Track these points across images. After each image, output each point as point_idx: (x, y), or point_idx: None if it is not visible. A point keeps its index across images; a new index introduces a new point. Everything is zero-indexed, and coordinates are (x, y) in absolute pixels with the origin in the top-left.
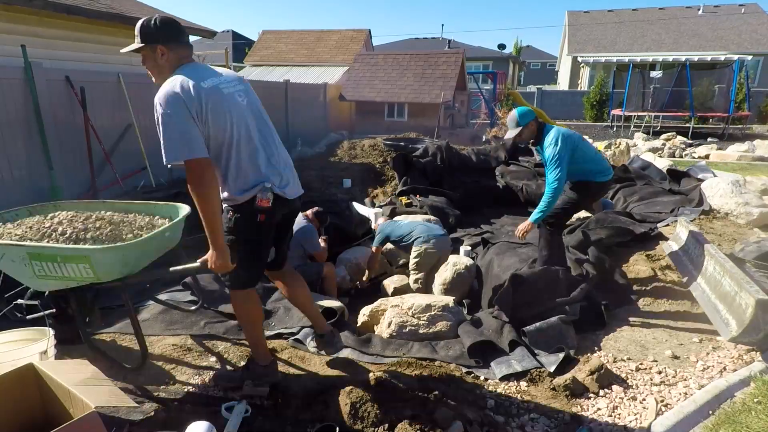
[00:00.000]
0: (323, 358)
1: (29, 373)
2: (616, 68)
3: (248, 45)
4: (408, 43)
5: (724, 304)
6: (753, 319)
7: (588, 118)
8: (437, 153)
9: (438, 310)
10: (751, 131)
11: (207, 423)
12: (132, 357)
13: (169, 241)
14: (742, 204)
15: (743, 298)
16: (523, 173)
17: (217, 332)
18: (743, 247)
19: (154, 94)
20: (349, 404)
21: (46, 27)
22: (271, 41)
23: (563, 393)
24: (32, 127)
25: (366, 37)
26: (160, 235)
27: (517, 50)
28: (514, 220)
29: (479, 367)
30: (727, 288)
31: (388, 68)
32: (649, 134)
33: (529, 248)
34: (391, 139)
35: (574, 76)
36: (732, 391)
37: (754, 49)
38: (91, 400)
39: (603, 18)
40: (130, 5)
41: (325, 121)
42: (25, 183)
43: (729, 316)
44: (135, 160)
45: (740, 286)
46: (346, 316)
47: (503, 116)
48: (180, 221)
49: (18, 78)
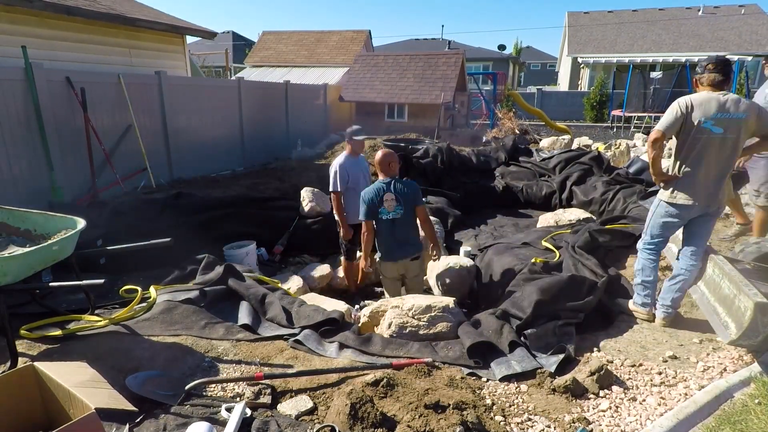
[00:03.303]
0: (323, 358)
1: (30, 374)
2: (616, 69)
3: (248, 46)
4: (408, 43)
5: (723, 307)
6: (752, 323)
7: (588, 118)
8: (438, 155)
9: (438, 311)
10: None
11: (207, 423)
12: (130, 358)
13: (58, 254)
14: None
15: (742, 302)
16: (523, 174)
17: (217, 333)
18: (743, 248)
19: (154, 95)
20: (348, 405)
21: (47, 28)
22: (272, 42)
23: (563, 394)
24: (32, 128)
25: (366, 37)
26: (44, 249)
27: (517, 51)
28: (510, 220)
29: (479, 367)
30: (726, 291)
31: (388, 69)
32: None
33: (528, 249)
34: (391, 140)
35: (574, 76)
36: (732, 392)
37: (754, 49)
38: (91, 401)
39: (603, 19)
40: (130, 6)
41: (326, 121)
42: (26, 183)
43: (728, 319)
44: (135, 161)
45: (739, 290)
46: (346, 318)
47: (503, 117)
48: (73, 235)
49: (18, 79)
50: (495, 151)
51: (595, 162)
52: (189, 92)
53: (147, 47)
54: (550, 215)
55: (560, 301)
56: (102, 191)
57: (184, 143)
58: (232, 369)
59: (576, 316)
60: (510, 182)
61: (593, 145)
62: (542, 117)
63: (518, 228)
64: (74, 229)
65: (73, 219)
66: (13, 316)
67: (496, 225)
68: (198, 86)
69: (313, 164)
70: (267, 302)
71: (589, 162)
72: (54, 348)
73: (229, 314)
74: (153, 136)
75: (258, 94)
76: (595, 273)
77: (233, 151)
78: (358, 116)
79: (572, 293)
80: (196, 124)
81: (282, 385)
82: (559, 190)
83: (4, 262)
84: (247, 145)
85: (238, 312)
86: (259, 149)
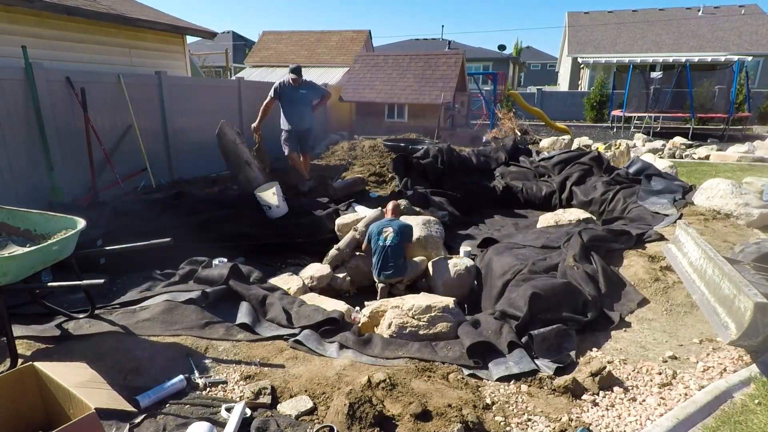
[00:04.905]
0: (323, 358)
1: (30, 374)
2: (617, 69)
3: (248, 46)
4: (408, 44)
5: (723, 307)
6: (752, 323)
7: (588, 119)
8: (438, 155)
9: (438, 311)
10: (751, 132)
11: (207, 423)
12: (130, 358)
13: (58, 254)
14: (742, 205)
15: (742, 302)
16: (523, 174)
17: (217, 333)
18: (743, 248)
19: (154, 96)
20: (347, 405)
21: (47, 28)
22: (272, 42)
23: (563, 394)
24: (33, 128)
25: (366, 38)
26: (44, 248)
27: (518, 51)
28: (510, 220)
29: (479, 367)
30: (726, 291)
31: (388, 69)
32: (650, 135)
33: (528, 249)
34: (391, 140)
35: (574, 76)
36: (732, 392)
37: (754, 50)
38: (91, 401)
39: (603, 19)
40: (130, 6)
41: (325, 122)
42: (26, 183)
43: (728, 320)
44: (135, 161)
45: (739, 290)
46: (346, 318)
47: (503, 117)
48: (73, 235)
49: (18, 79)
50: (495, 151)
51: (595, 162)
52: (189, 92)
53: (147, 47)
54: (550, 215)
55: (558, 309)
56: (102, 191)
57: (184, 143)
58: (231, 369)
59: (575, 323)
60: (510, 182)
61: (593, 145)
62: (542, 117)
63: (518, 228)
64: (74, 229)
65: (73, 219)
66: (13, 316)
67: (496, 225)
68: (198, 86)
69: (312, 164)
70: (267, 303)
71: (589, 162)
72: (54, 348)
73: (230, 314)
74: (153, 136)
75: (258, 94)
76: (592, 280)
77: None
78: (358, 116)
79: (569, 301)
80: (196, 124)
81: (282, 385)
82: (559, 191)
83: (4, 262)
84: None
85: (237, 312)
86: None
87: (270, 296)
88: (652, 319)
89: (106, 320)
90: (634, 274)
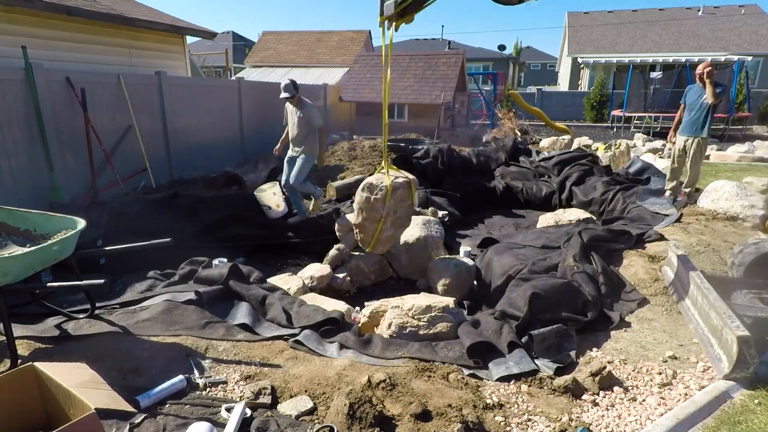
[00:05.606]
0: (323, 358)
1: (30, 374)
2: (616, 69)
3: (248, 46)
4: (408, 44)
5: (715, 338)
6: (740, 356)
7: (588, 118)
8: (438, 155)
9: (438, 311)
10: (751, 132)
11: (207, 423)
12: (130, 358)
13: (58, 254)
14: (747, 207)
15: (728, 334)
16: (523, 174)
17: (217, 333)
18: (741, 248)
19: (154, 96)
20: (347, 405)
21: (47, 28)
22: (272, 42)
23: (564, 394)
24: (33, 128)
25: (366, 38)
26: (44, 249)
27: (517, 51)
28: (510, 220)
29: (479, 367)
30: (715, 321)
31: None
32: (649, 135)
33: (528, 249)
34: (391, 141)
35: (574, 76)
36: (732, 392)
37: (754, 49)
38: (91, 402)
39: (603, 19)
40: (130, 6)
41: (325, 121)
42: (26, 183)
43: (720, 352)
44: (135, 161)
45: (724, 322)
46: (346, 318)
47: (503, 117)
48: (73, 235)
49: (18, 79)
50: (495, 151)
51: (594, 162)
52: (189, 92)
53: (147, 47)
54: (550, 215)
55: (558, 309)
56: (102, 191)
57: (184, 143)
58: (231, 369)
59: (575, 323)
60: (510, 182)
61: (593, 145)
62: (542, 117)
63: (518, 228)
64: (74, 229)
65: (73, 219)
66: (13, 316)
67: (496, 225)
68: (198, 86)
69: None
70: (267, 303)
71: (589, 162)
72: (54, 348)
73: (230, 315)
74: (153, 136)
75: (258, 95)
76: (592, 280)
77: (233, 151)
78: (358, 116)
79: (569, 301)
80: (196, 125)
81: (282, 385)
82: (558, 191)
83: (4, 262)
84: (247, 145)
85: (237, 312)
86: (260, 149)
87: (270, 296)
88: (652, 319)
89: (106, 320)
90: (634, 274)
